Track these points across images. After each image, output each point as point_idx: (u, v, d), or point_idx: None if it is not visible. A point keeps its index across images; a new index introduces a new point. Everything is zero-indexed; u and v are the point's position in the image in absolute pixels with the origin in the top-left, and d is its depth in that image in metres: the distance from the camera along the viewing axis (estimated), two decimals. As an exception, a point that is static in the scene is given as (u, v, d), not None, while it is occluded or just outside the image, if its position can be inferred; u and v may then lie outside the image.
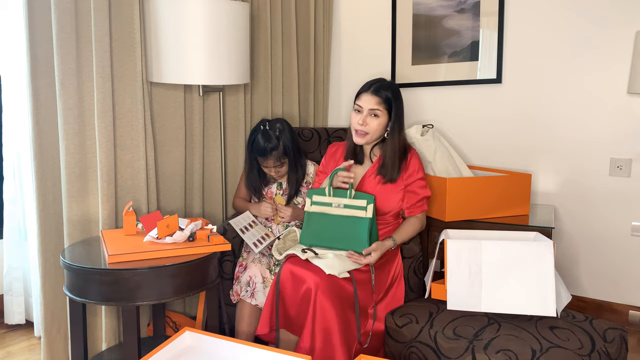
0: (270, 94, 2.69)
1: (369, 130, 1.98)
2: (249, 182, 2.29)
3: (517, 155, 2.63)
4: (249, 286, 2.03)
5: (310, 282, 1.76)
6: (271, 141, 2.14)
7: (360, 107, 1.98)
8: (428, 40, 2.79)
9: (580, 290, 2.57)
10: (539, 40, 2.52)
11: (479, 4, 2.62)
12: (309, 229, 1.97)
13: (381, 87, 1.98)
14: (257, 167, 2.26)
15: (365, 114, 1.97)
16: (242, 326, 2.02)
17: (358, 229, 1.89)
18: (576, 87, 2.47)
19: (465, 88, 2.73)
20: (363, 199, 1.90)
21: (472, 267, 1.75)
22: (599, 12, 2.37)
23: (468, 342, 1.63)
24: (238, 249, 2.24)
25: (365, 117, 1.97)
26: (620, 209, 2.43)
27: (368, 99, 1.97)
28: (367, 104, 1.96)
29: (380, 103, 1.96)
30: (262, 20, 2.59)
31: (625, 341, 1.67)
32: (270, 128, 2.17)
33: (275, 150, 2.15)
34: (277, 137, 2.16)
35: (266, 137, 2.14)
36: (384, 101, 1.96)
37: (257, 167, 2.26)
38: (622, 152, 2.40)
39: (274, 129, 2.17)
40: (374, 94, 1.96)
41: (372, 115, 1.97)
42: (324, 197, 1.94)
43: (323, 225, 1.94)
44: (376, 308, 1.92)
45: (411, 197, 2.05)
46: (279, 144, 2.15)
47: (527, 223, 2.24)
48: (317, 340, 1.74)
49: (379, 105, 1.96)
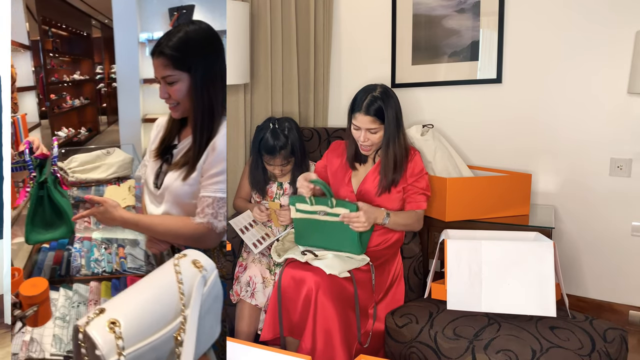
0: (270, 94, 2.69)
1: (372, 144, 2.00)
2: (253, 178, 2.30)
3: (517, 155, 2.63)
4: (248, 286, 2.03)
5: (310, 282, 1.77)
6: (280, 139, 2.15)
7: (358, 126, 1.99)
8: (428, 40, 2.79)
9: (580, 290, 2.57)
10: (539, 40, 2.52)
11: (479, 3, 2.62)
12: (300, 234, 1.98)
13: (371, 102, 1.94)
14: (262, 164, 2.26)
15: (364, 132, 1.98)
16: (242, 326, 2.02)
17: (345, 234, 1.88)
18: (576, 87, 2.47)
19: (465, 88, 2.73)
20: (346, 208, 1.86)
21: (472, 267, 1.75)
22: (600, 12, 2.37)
23: (468, 342, 1.63)
24: (238, 249, 2.24)
25: (366, 134, 1.98)
26: (620, 209, 2.43)
27: (362, 120, 1.96)
28: (363, 124, 1.96)
29: (374, 121, 1.95)
30: (262, 20, 2.59)
31: (626, 341, 1.67)
32: (279, 126, 2.19)
33: (284, 149, 2.16)
34: (285, 136, 2.17)
35: (275, 135, 2.16)
36: (378, 117, 1.95)
37: (262, 165, 2.26)
38: (622, 152, 2.40)
39: (282, 128, 2.19)
40: (366, 114, 1.94)
41: (371, 132, 1.98)
42: (307, 205, 1.91)
43: (312, 230, 1.94)
44: (376, 308, 1.93)
45: (409, 192, 2.05)
46: (287, 143, 2.17)
47: (527, 223, 2.24)
48: (318, 340, 1.74)
49: (374, 123, 1.95)
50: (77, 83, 3.21)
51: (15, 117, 2.16)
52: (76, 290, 1.72)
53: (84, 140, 3.06)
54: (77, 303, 1.66)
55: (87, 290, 1.73)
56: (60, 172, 1.71)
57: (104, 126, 3.25)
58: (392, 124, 1.97)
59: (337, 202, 1.87)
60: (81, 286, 1.74)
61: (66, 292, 1.72)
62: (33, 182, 1.61)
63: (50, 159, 1.66)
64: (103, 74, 3.18)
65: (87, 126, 3.15)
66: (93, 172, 2.13)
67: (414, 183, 2.04)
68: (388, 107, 1.95)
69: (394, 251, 2.09)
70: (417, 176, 2.04)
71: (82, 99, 3.26)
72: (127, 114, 2.74)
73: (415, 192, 2.04)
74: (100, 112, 3.28)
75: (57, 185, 1.66)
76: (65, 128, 2.91)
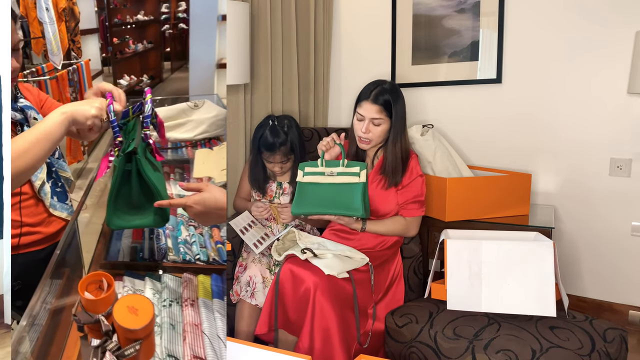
0: (270, 94, 2.69)
1: (372, 138, 1.99)
2: (253, 176, 2.30)
3: (517, 155, 2.63)
4: (248, 286, 2.03)
5: (309, 282, 1.76)
6: (280, 136, 2.16)
7: (362, 115, 1.98)
8: (428, 40, 2.79)
9: (580, 290, 2.57)
10: (539, 40, 2.52)
11: (479, 4, 2.62)
12: (301, 199, 1.91)
13: (381, 92, 1.96)
14: (262, 162, 2.26)
15: (367, 122, 1.97)
16: (242, 326, 2.02)
17: (351, 194, 1.87)
18: (576, 87, 2.47)
19: (465, 88, 2.73)
20: (356, 166, 1.89)
21: (472, 267, 1.75)
22: (599, 12, 2.37)
23: (468, 342, 1.63)
24: (238, 249, 2.24)
25: (368, 125, 1.97)
26: (620, 209, 2.43)
27: (369, 108, 1.96)
28: (369, 112, 1.96)
29: (381, 111, 1.95)
30: (262, 20, 2.59)
31: (625, 341, 1.67)
32: (279, 124, 2.19)
33: (284, 145, 2.17)
34: (285, 133, 2.17)
35: (275, 133, 2.16)
36: (385, 108, 1.95)
37: (262, 163, 2.26)
38: (622, 152, 2.40)
39: (282, 125, 2.19)
40: (374, 102, 1.95)
41: (375, 124, 1.97)
42: (316, 167, 1.92)
43: (316, 194, 1.91)
44: (376, 308, 1.93)
45: (403, 199, 2.04)
46: (287, 140, 2.17)
47: (527, 223, 2.24)
48: (316, 340, 1.74)
49: (380, 113, 1.95)
50: (141, 25, 2.92)
51: (79, 62, 1.94)
52: (166, 283, 1.37)
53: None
54: (169, 301, 1.32)
55: (179, 285, 1.35)
56: (152, 137, 1.28)
57: (167, 73, 2.92)
58: (400, 120, 1.97)
59: (349, 163, 1.91)
60: (171, 278, 1.40)
61: (154, 283, 1.36)
62: (118, 150, 1.22)
63: (141, 120, 1.24)
64: (169, 13, 2.88)
65: (150, 73, 2.84)
66: (176, 130, 1.69)
67: (409, 186, 2.04)
68: (397, 103, 1.97)
69: (394, 251, 2.09)
70: (413, 179, 2.04)
71: (146, 43, 2.97)
72: (200, 58, 2.38)
73: (407, 201, 2.04)
74: (163, 57, 2.97)
75: (149, 155, 1.27)
76: (127, 76, 2.65)
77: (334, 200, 1.88)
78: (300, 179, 1.93)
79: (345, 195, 1.87)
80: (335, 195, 1.88)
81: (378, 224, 2.04)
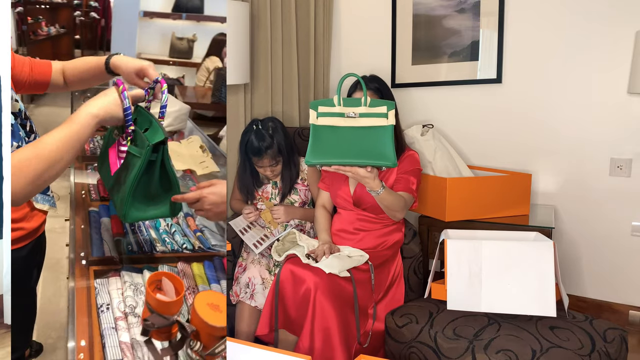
0: (270, 94, 2.69)
1: None
2: (242, 183, 2.28)
3: (517, 155, 2.63)
4: (248, 287, 2.03)
5: (309, 282, 1.77)
6: (265, 140, 2.12)
7: None
8: (428, 40, 2.79)
9: (580, 290, 2.57)
10: (539, 40, 2.52)
11: (479, 3, 2.62)
12: (317, 146, 1.61)
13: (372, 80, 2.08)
14: (250, 168, 2.24)
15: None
16: (242, 326, 2.02)
17: (381, 140, 1.58)
18: (576, 87, 2.47)
19: (465, 88, 2.73)
20: (382, 105, 1.61)
21: (472, 267, 1.75)
22: (599, 12, 2.37)
23: (468, 342, 1.63)
24: (238, 249, 2.24)
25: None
26: (620, 209, 2.43)
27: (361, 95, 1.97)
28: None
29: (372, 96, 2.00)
30: (262, 20, 2.59)
31: (625, 341, 1.67)
32: (263, 127, 2.15)
33: (270, 149, 2.13)
34: (270, 136, 2.14)
35: (260, 137, 2.12)
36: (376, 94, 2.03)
37: (250, 169, 2.24)
38: (622, 152, 2.40)
39: (266, 128, 2.15)
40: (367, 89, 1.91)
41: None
42: (332, 107, 1.62)
43: (334, 140, 1.61)
44: (376, 308, 1.92)
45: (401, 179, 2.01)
46: (273, 142, 2.14)
47: (527, 223, 2.24)
48: (316, 340, 1.74)
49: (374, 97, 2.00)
50: (55, 7, 2.84)
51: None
52: None
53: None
54: None
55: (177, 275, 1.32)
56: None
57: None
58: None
59: (373, 102, 1.62)
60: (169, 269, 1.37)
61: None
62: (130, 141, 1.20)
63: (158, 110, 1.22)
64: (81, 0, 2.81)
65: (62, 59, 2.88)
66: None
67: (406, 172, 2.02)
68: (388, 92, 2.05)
69: (394, 252, 2.09)
70: (411, 171, 2.02)
71: (58, 27, 2.89)
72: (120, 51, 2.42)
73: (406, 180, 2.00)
74: (74, 44, 2.88)
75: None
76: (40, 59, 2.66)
77: (359, 148, 1.59)
78: (314, 121, 1.63)
79: (372, 141, 1.59)
80: (359, 141, 1.59)
81: (390, 192, 1.87)
